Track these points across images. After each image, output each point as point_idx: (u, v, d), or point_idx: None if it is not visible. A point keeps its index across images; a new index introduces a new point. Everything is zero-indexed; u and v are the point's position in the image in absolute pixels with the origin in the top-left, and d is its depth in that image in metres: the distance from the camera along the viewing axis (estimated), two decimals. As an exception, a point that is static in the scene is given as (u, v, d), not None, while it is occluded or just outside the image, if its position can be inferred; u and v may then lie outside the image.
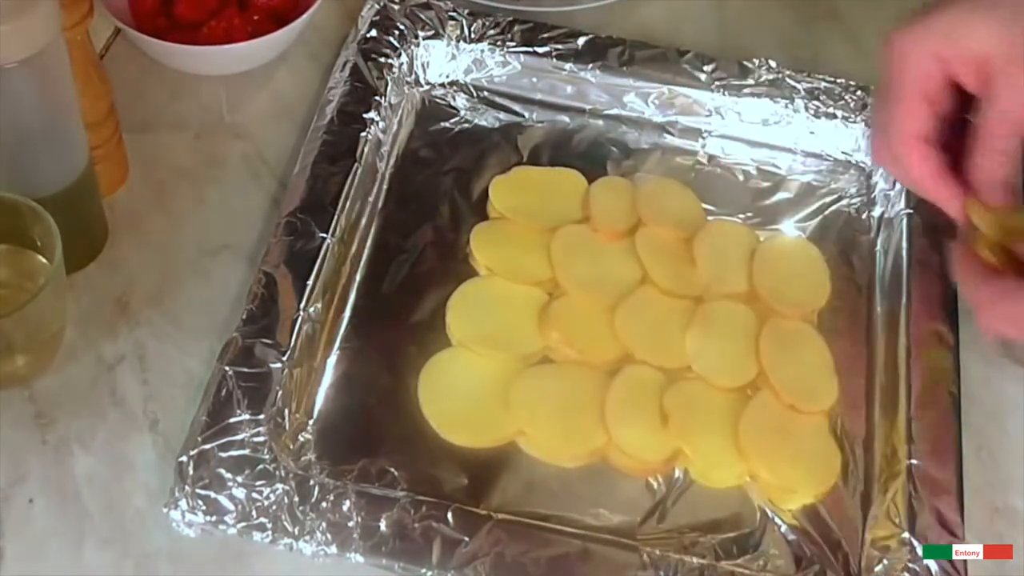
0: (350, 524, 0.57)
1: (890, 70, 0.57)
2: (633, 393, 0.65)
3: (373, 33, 0.79)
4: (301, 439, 0.62)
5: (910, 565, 0.58)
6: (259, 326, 0.63)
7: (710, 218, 0.75)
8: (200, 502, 0.57)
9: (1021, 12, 0.54)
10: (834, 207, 0.77)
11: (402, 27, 0.80)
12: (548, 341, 0.67)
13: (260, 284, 0.65)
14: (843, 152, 0.79)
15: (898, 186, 0.76)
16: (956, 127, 0.57)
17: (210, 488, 0.57)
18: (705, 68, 0.79)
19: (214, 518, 0.57)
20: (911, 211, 0.74)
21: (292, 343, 0.63)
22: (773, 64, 0.80)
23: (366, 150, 0.73)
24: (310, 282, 0.66)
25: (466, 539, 0.58)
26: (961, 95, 0.57)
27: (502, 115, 0.80)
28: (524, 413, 0.64)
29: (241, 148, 0.77)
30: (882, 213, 0.76)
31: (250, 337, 0.63)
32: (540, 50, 0.80)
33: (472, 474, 0.62)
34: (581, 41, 0.80)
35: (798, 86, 0.79)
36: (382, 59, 0.78)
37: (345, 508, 0.58)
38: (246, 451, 0.59)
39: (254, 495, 0.58)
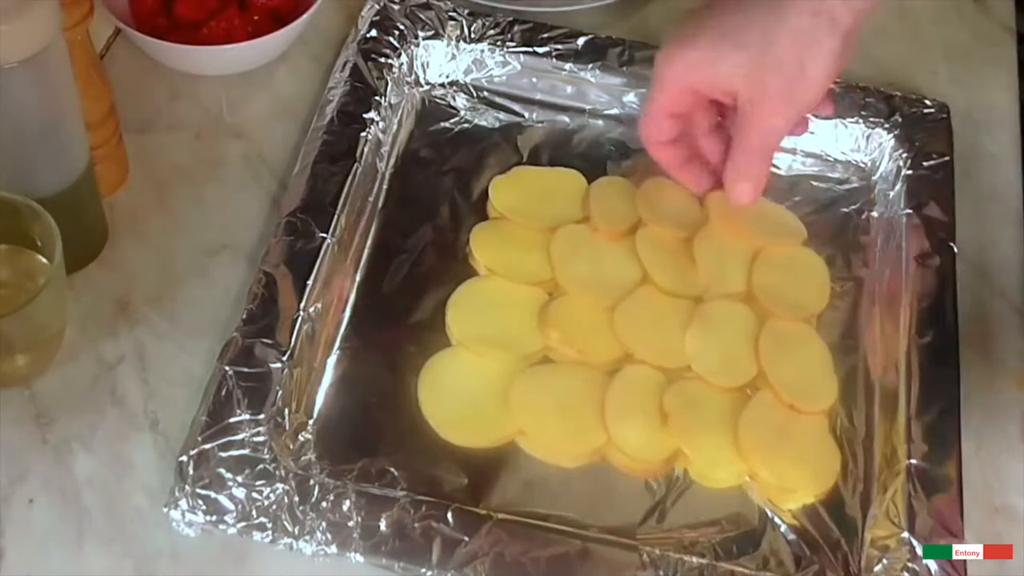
0: (350, 524, 0.57)
1: (652, 85, 0.67)
2: (633, 393, 0.65)
3: (373, 33, 0.79)
4: (301, 439, 0.62)
5: (910, 565, 0.58)
6: (259, 326, 0.63)
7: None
8: (200, 502, 0.57)
9: (764, 54, 0.62)
10: (834, 207, 0.77)
11: (402, 27, 0.80)
12: (548, 341, 0.67)
13: (260, 284, 0.65)
14: (843, 152, 0.79)
15: (898, 186, 0.76)
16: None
17: (210, 488, 0.57)
18: (705, 68, 0.79)
19: (214, 518, 0.57)
20: (911, 211, 0.74)
21: (292, 343, 0.63)
22: (773, 64, 0.80)
23: (366, 150, 0.73)
24: (310, 282, 0.66)
25: (466, 539, 0.58)
26: None
27: (502, 115, 0.80)
28: (524, 413, 0.64)
29: (241, 148, 0.77)
30: (882, 213, 0.76)
31: (250, 337, 0.63)
32: (540, 50, 0.80)
33: (472, 474, 0.62)
34: (581, 41, 0.80)
35: (798, 86, 0.79)
36: (382, 59, 0.78)
37: (345, 508, 0.58)
38: (246, 451, 0.59)
39: (254, 495, 0.58)
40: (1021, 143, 0.83)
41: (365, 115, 0.74)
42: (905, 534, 0.59)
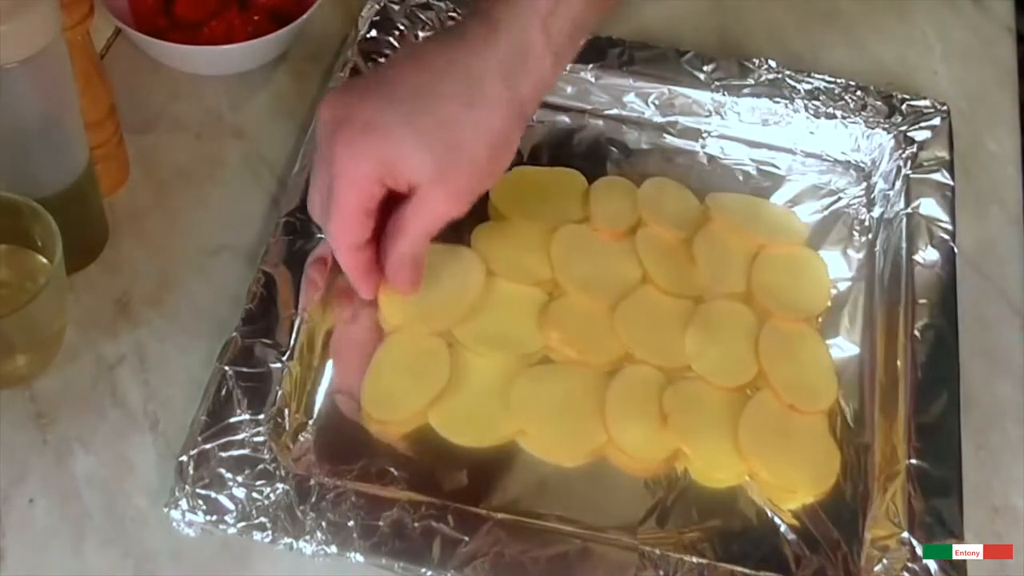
0: (350, 524, 0.57)
1: (338, 183, 0.59)
2: (633, 393, 0.65)
3: (373, 33, 0.79)
4: (301, 439, 0.62)
5: (910, 565, 0.58)
6: (258, 326, 0.63)
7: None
8: (200, 502, 0.57)
9: (457, 154, 0.58)
10: (834, 207, 0.77)
11: (402, 27, 0.80)
12: (548, 341, 0.67)
13: (259, 284, 0.65)
14: (843, 152, 0.79)
15: (897, 185, 0.76)
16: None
17: (210, 488, 0.58)
18: (705, 68, 0.80)
19: (214, 518, 0.57)
20: (911, 211, 0.74)
21: (291, 343, 0.63)
22: (773, 64, 0.80)
23: (366, 150, 0.73)
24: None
25: (466, 539, 0.58)
26: None
27: (502, 115, 0.79)
28: (524, 413, 0.64)
29: (241, 148, 0.77)
30: (882, 213, 0.76)
31: (250, 337, 0.63)
32: (540, 50, 0.80)
33: (472, 474, 0.62)
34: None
35: (798, 86, 0.79)
36: (382, 59, 0.78)
37: (345, 508, 0.58)
38: (246, 451, 0.59)
39: (254, 495, 0.58)
40: (1021, 143, 0.83)
41: (365, 115, 0.74)
42: (905, 534, 0.59)
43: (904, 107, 0.79)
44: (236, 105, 0.79)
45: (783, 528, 0.62)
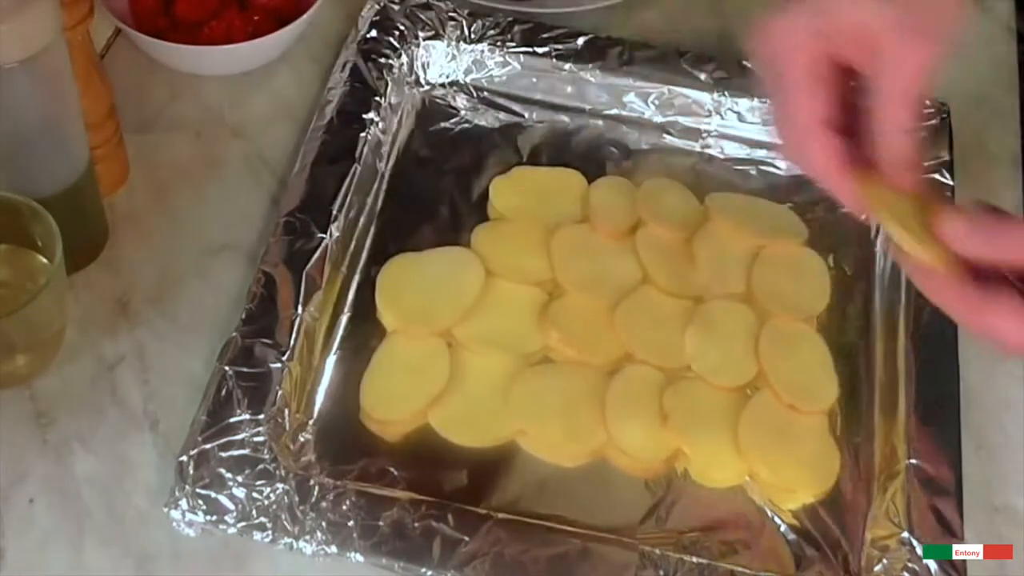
0: (350, 524, 0.57)
1: (776, 59, 0.54)
2: (633, 393, 0.65)
3: (373, 33, 0.79)
4: (301, 439, 0.62)
5: (910, 565, 0.58)
6: (258, 326, 0.63)
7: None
8: (200, 502, 0.57)
9: None
10: (834, 207, 0.76)
11: (402, 27, 0.80)
12: (548, 341, 0.67)
13: (259, 284, 0.65)
14: (843, 152, 0.79)
15: (898, 186, 0.76)
16: (850, 113, 0.55)
17: (210, 488, 0.58)
18: (705, 68, 0.79)
19: (214, 518, 0.57)
20: (911, 211, 0.74)
21: (292, 343, 0.63)
22: (773, 64, 0.80)
23: (366, 150, 0.73)
24: (309, 282, 0.66)
25: (466, 538, 0.58)
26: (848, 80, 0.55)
27: (502, 115, 0.80)
28: (524, 413, 0.64)
29: (241, 148, 0.77)
30: (882, 213, 0.76)
31: (250, 337, 0.63)
32: (540, 50, 0.80)
33: (472, 474, 0.62)
34: (581, 41, 0.80)
35: (798, 86, 0.79)
36: (382, 59, 0.78)
37: (345, 508, 0.58)
38: (246, 451, 0.59)
39: (254, 495, 0.58)
40: (1021, 143, 0.83)
41: (365, 115, 0.74)
42: (905, 534, 0.59)
43: (904, 107, 0.79)
44: (236, 105, 0.79)
45: (783, 528, 0.62)
